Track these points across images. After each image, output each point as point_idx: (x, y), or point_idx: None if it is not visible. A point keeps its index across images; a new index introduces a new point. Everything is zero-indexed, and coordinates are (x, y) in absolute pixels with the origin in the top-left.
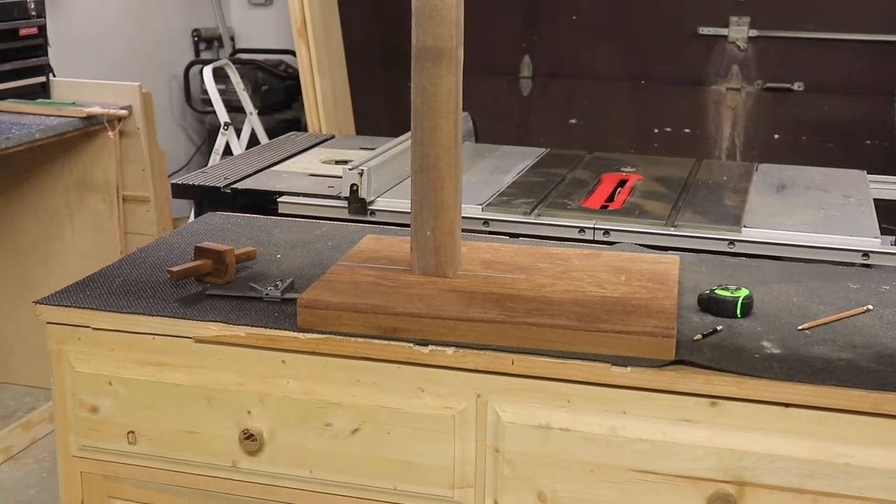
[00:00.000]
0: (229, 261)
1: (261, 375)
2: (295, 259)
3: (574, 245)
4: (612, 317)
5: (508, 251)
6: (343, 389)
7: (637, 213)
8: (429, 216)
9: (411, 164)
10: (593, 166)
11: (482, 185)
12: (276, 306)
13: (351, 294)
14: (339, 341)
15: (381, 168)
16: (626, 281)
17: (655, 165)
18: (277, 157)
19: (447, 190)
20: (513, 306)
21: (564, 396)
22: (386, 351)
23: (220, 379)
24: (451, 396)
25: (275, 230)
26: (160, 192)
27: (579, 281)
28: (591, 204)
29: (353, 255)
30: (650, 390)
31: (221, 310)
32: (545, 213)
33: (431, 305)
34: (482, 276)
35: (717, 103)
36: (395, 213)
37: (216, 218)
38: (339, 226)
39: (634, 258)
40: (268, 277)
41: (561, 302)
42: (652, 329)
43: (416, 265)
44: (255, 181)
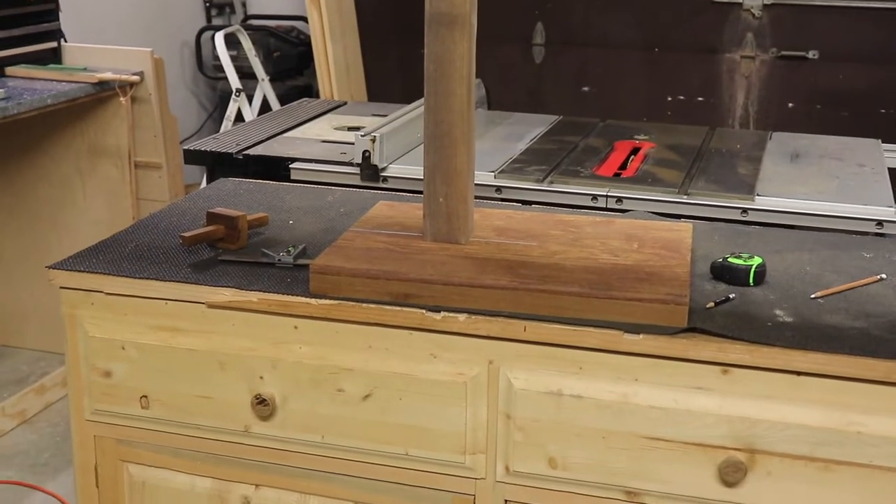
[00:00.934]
0: (241, 226)
1: (273, 341)
2: (307, 225)
3: (587, 212)
4: (625, 284)
5: (521, 218)
6: (355, 355)
7: (650, 181)
8: (441, 182)
9: (424, 131)
10: (606, 134)
11: (495, 153)
12: (289, 272)
13: (363, 260)
14: (352, 307)
15: (393, 134)
16: (638, 248)
17: (669, 133)
18: (289, 124)
19: (460, 156)
20: (525, 273)
21: (577, 363)
22: (398, 317)
23: (232, 344)
24: (462, 363)
25: (287, 196)
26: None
27: (592, 248)
28: (604, 172)
29: (366, 221)
30: (662, 357)
31: (234, 275)
32: (558, 180)
33: (444, 272)
34: (494, 243)
35: (731, 71)
36: (408, 179)
37: (228, 184)
38: (351, 192)
39: (647, 226)
40: (280, 243)
41: (573, 269)
42: (664, 296)
43: (429, 231)
44: (267, 147)
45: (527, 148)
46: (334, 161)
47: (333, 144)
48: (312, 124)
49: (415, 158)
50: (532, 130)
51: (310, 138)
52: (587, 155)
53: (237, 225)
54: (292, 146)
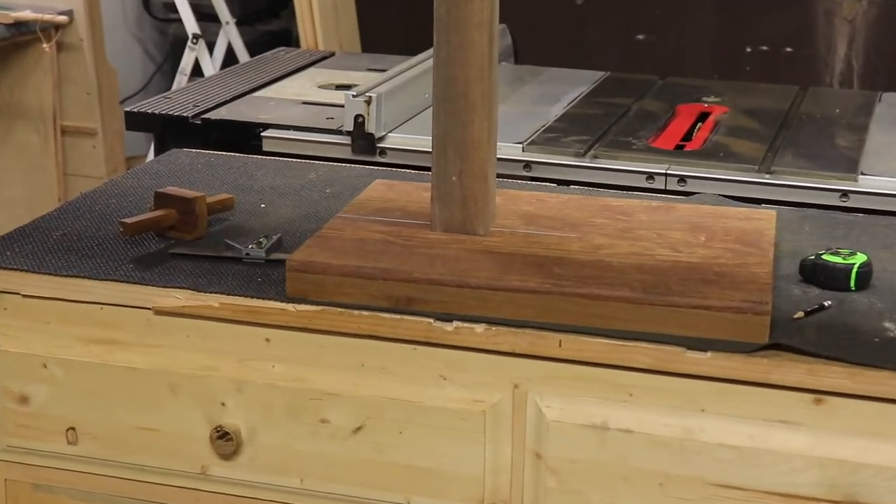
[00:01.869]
0: (199, 211)
1: (238, 357)
2: (283, 210)
3: (640, 196)
4: (689, 287)
5: (556, 203)
6: (343, 376)
7: (722, 156)
8: (455, 157)
9: (433, 91)
10: (666, 95)
11: (523, 119)
12: (259, 269)
13: (354, 255)
14: (339, 315)
15: (394, 95)
16: (706, 242)
17: (746, 94)
18: (261, 80)
19: (478, 123)
20: (560, 272)
21: (625, 388)
22: (398, 328)
23: (186, 361)
24: (480, 387)
25: (258, 173)
26: (110, 122)
27: (646, 241)
28: (663, 143)
29: (358, 205)
30: (736, 382)
31: (189, 273)
32: (603, 154)
33: (457, 270)
34: (522, 234)
35: (830, 14)
36: (412, 152)
37: (182, 156)
38: (339, 168)
39: (718, 213)
40: (248, 233)
41: (622, 268)
42: (740, 304)
43: (438, 219)
44: (232, 110)
45: (564, 113)
46: (318, 128)
47: (317, 107)
48: (290, 81)
49: (421, 126)
50: (571, 90)
51: (287, 99)
52: (641, 122)
53: (194, 209)
54: (264, 109)
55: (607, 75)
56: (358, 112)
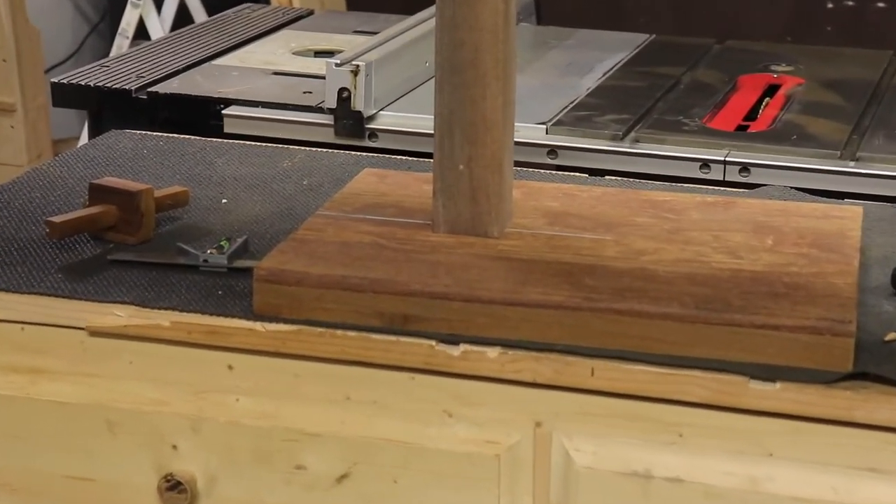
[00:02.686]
0: (145, 208)
1: (194, 389)
2: (250, 206)
3: (692, 188)
4: (752, 302)
5: (587, 197)
6: (324, 412)
7: (795, 139)
8: (462, 141)
9: (435, 59)
10: (725, 63)
11: (547, 94)
12: (220, 280)
13: (338, 262)
14: (320, 336)
15: (387, 64)
16: (774, 246)
17: (827, 61)
18: (222, 45)
19: (491, 99)
20: (593, 284)
21: (675, 427)
22: (393, 352)
23: (128, 394)
24: (494, 425)
25: (218, 160)
26: (32, 96)
27: (700, 245)
28: (721, 123)
29: (343, 200)
30: (812, 420)
31: (132, 284)
32: (646, 137)
33: (465, 281)
34: (545, 237)
35: None
36: (409, 134)
37: (124, 139)
38: (319, 154)
39: (789, 210)
40: (207, 234)
41: (670, 278)
42: (816, 323)
43: (442, 217)
44: (186, 82)
45: (598, 86)
46: (293, 105)
47: (291, 78)
48: (258, 46)
49: (420, 102)
50: (606, 58)
51: (254, 68)
52: (694, 97)
53: (138, 205)
54: (226, 80)
55: (651, 38)
56: (342, 85)
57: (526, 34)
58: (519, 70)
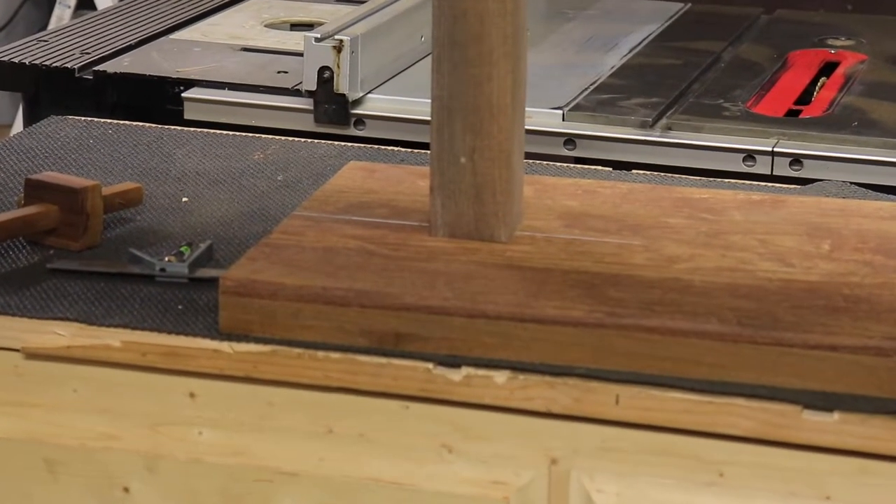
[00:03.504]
0: (91, 208)
1: (150, 421)
2: (215, 205)
3: (734, 184)
4: (806, 318)
5: (611, 195)
6: (303, 448)
7: (856, 126)
8: (464, 129)
9: (433, 33)
10: (773, 36)
11: (564, 73)
12: (181, 292)
13: (319, 271)
14: (297, 358)
15: (375, 39)
16: (832, 252)
17: (893, 34)
18: (182, 16)
19: (498, 81)
20: (618, 297)
21: (714, 466)
22: (383, 376)
23: (72, 428)
24: (503, 462)
25: (177, 152)
26: None
27: (743, 251)
28: (769, 108)
29: (324, 198)
30: (875, 457)
31: (77, 298)
32: (681, 124)
33: (467, 293)
34: (562, 241)
35: None
36: (402, 121)
37: (66, 127)
38: (297, 145)
39: (849, 209)
40: (164, 239)
41: (708, 289)
42: (881, 343)
43: (441, 219)
44: (139, 59)
45: (623, 64)
46: (265, 87)
47: (263, 55)
48: (224, 17)
49: (414, 84)
50: (634, 30)
51: (219, 43)
52: (737, 76)
53: (83, 205)
54: (187, 58)
55: (687, 7)
56: (323, 63)
57: (539, 3)
58: (531, 46)
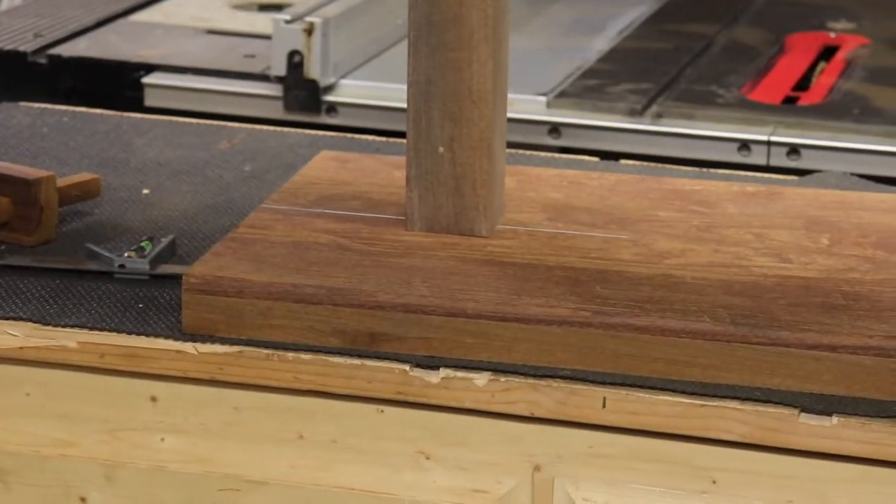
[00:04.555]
0: (45, 200)
1: (108, 427)
2: (178, 197)
3: (728, 175)
4: (803, 317)
5: (597, 187)
6: (272, 454)
7: (857, 114)
8: (443, 116)
9: (409, 15)
10: (770, 19)
11: (548, 58)
12: (141, 290)
13: (289, 267)
14: (265, 360)
15: (349, 21)
16: (831, 246)
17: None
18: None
19: (478, 66)
20: (605, 294)
21: (706, 472)
22: (357, 378)
23: (25, 434)
24: (483, 469)
25: (137, 140)
26: None
27: (738, 246)
28: (765, 94)
29: (294, 190)
30: (877, 463)
31: (30, 296)
32: (671, 111)
33: (446, 290)
34: (546, 235)
35: None
36: (376, 109)
37: (18, 114)
38: (265, 133)
39: (849, 202)
40: (123, 233)
41: (700, 287)
42: (882, 342)
43: (418, 212)
44: (96, 42)
45: (612, 48)
46: (231, 72)
47: (229, 38)
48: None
49: (390, 69)
50: (622, 12)
51: (182, 25)
52: (730, 61)
53: (36, 197)
54: (147, 40)
55: None
56: (293, 47)
57: None
58: (513, 28)
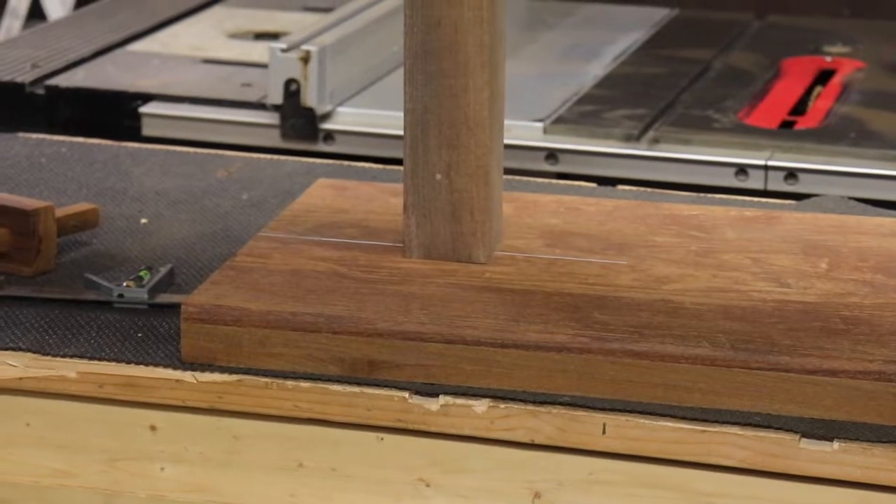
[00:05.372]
0: (44, 230)
1: (108, 457)
2: (176, 227)
3: (726, 200)
4: (803, 342)
5: (595, 212)
6: (271, 483)
7: (854, 137)
8: (440, 144)
9: (405, 42)
10: (766, 43)
11: (545, 84)
12: (140, 319)
13: (287, 295)
14: (264, 388)
15: (345, 49)
16: (829, 271)
17: (892, 41)
18: (139, 25)
19: (475, 93)
20: (604, 320)
21: (706, 498)
22: (356, 406)
23: (25, 465)
24: (483, 497)
25: (135, 170)
26: None
27: (736, 271)
28: (762, 119)
29: (292, 218)
30: (882, 488)
31: (29, 326)
32: (668, 137)
33: (445, 318)
34: (544, 261)
35: None
36: (373, 136)
37: (16, 145)
38: (262, 162)
39: (847, 226)
40: (122, 263)
41: (699, 312)
42: (883, 367)
43: (416, 239)
44: (94, 72)
45: (608, 74)
46: (229, 101)
47: (226, 67)
48: (185, 26)
49: (386, 96)
50: (619, 38)
51: (179, 55)
52: (727, 86)
53: (34, 227)
54: (145, 70)
55: (675, 14)
56: (290, 75)
57: (518, 10)
58: (509, 55)
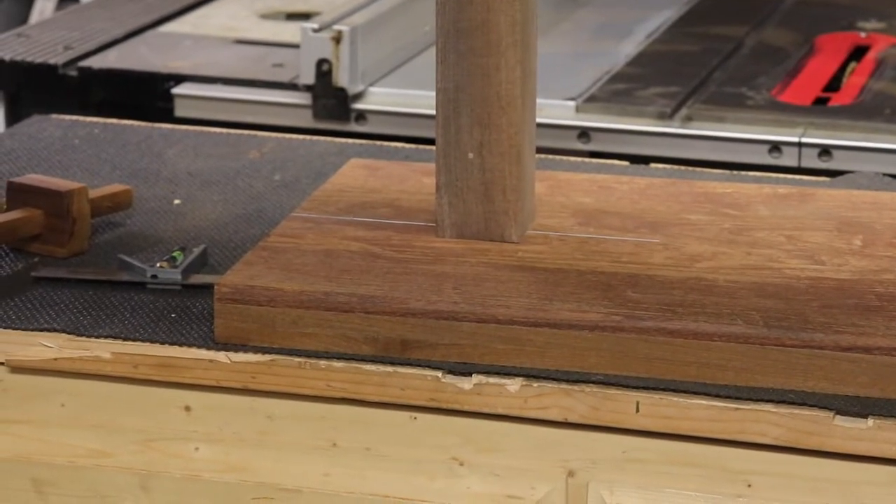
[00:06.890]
0: (77, 212)
1: (143, 437)
2: (209, 207)
3: (759, 177)
4: (837, 319)
5: (628, 191)
6: (305, 463)
7: (889, 114)
8: (472, 123)
9: (437, 21)
10: (799, 19)
11: (577, 62)
12: (174, 300)
13: (319, 275)
14: (298, 368)
15: (376, 29)
16: (864, 248)
17: None
18: (171, 7)
19: (507, 71)
20: (637, 298)
21: (741, 476)
22: (389, 386)
23: (60, 445)
24: (516, 476)
25: (168, 151)
26: None
27: (770, 248)
28: (795, 96)
29: (324, 198)
30: None
31: (64, 308)
32: (701, 114)
33: (478, 297)
34: (577, 240)
35: None
36: (405, 116)
37: (50, 126)
38: (294, 142)
39: (881, 202)
40: (155, 244)
41: (733, 290)
42: None
43: (448, 219)
44: (126, 54)
45: (640, 52)
46: (260, 81)
47: (258, 48)
48: (216, 7)
49: (418, 76)
50: (650, 16)
51: (211, 36)
52: (760, 63)
53: (69, 209)
54: (177, 51)
55: None
56: (321, 55)
57: None
58: (541, 33)
